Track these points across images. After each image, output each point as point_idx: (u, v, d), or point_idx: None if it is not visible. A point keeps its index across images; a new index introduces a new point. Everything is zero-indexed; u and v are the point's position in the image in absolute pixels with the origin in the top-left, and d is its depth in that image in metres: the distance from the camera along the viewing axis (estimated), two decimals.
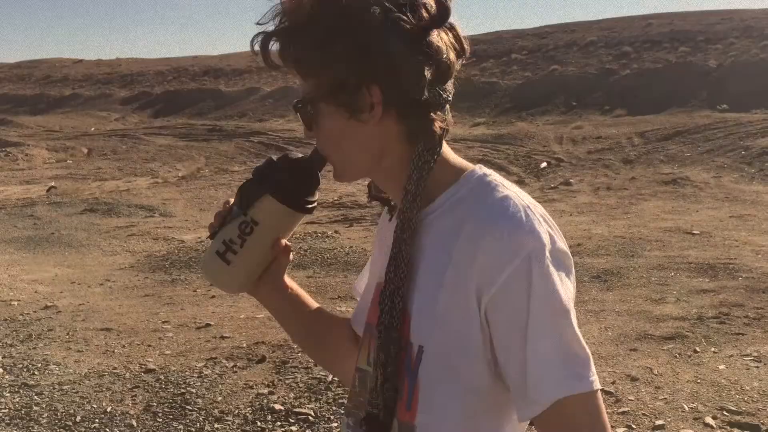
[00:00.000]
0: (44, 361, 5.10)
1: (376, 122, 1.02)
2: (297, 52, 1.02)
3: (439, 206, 1.03)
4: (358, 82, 1.00)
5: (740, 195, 11.59)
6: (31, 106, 36.66)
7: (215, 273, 1.18)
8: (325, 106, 1.03)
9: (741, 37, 26.71)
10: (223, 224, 1.16)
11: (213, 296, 6.73)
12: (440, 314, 0.97)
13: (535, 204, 0.99)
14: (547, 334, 0.92)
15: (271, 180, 1.11)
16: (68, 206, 12.08)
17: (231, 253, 1.14)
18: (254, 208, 1.12)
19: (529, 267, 0.92)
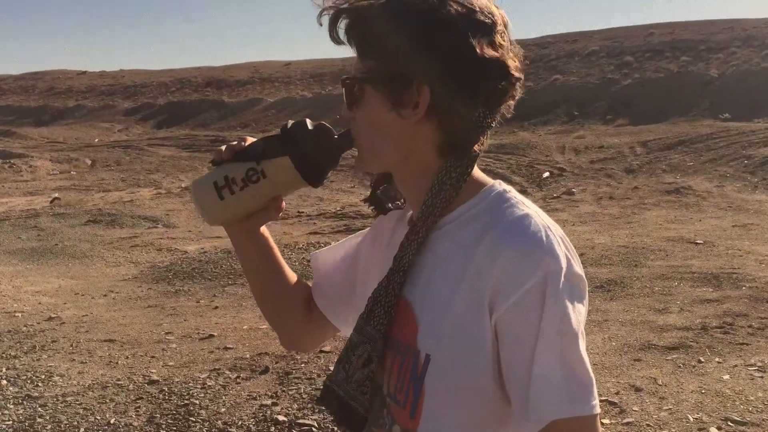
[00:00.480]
0: (48, 372, 5.10)
1: (414, 122, 1.03)
2: (365, 30, 1.03)
3: (456, 217, 1.04)
4: (410, 78, 1.01)
5: (743, 204, 11.58)
6: (35, 117, 36.80)
7: (204, 201, 1.16)
8: (372, 90, 1.04)
9: (742, 47, 26.76)
10: (231, 159, 1.14)
11: (216, 307, 6.73)
12: (451, 325, 0.98)
13: (555, 225, 1.00)
14: (554, 355, 0.93)
15: (296, 144, 1.11)
16: (72, 217, 12.11)
17: (227, 191, 1.13)
18: (269, 162, 1.12)
19: (544, 287, 0.93)
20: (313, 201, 13.67)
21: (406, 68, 1.00)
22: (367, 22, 1.02)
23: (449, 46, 0.99)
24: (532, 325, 0.93)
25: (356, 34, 1.04)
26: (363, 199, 1.23)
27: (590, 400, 0.94)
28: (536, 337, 0.93)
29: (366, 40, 1.04)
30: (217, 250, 9.33)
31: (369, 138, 1.07)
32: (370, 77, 1.04)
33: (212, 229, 11.14)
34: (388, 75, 1.02)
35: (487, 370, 0.97)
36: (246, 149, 1.14)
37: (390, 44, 1.00)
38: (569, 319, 0.94)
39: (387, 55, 1.01)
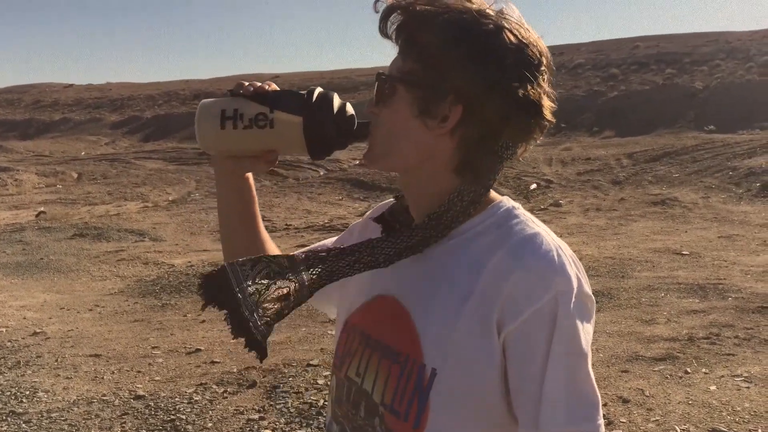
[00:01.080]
0: (32, 388, 5.04)
1: (437, 135, 1.03)
2: (415, 32, 1.02)
3: (464, 232, 1.04)
4: (446, 92, 1.01)
5: (728, 215, 11.66)
6: (20, 130, 36.60)
7: (205, 124, 1.15)
8: (404, 91, 1.04)
9: (727, 59, 27.04)
10: (248, 96, 1.12)
11: (203, 321, 6.69)
12: (457, 341, 0.98)
13: (565, 245, 1.01)
14: (563, 374, 0.94)
15: (315, 113, 1.09)
16: (58, 231, 12.02)
17: (231, 124, 1.12)
18: (282, 115, 1.10)
19: (555, 308, 0.94)
20: (301, 214, 13.65)
21: (446, 81, 1.00)
22: (420, 26, 1.02)
23: (494, 75, 0.99)
24: (541, 344, 0.94)
25: (405, 34, 1.04)
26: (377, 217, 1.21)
27: (596, 419, 0.95)
28: (546, 356, 0.93)
29: (413, 42, 1.03)
30: (204, 263, 9.29)
31: (388, 137, 1.07)
32: (407, 79, 1.03)
33: (199, 243, 11.10)
34: (426, 82, 1.01)
35: (495, 386, 0.97)
36: (266, 94, 1.13)
37: (436, 54, 1.00)
38: (578, 340, 0.95)
39: (430, 63, 1.01)
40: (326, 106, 1.10)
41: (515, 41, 1.00)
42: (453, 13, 1.01)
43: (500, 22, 1.01)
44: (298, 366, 5.29)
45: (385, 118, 1.07)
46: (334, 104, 1.11)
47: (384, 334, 1.08)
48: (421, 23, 1.02)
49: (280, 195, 16.05)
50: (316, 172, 18.37)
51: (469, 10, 1.01)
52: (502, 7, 1.04)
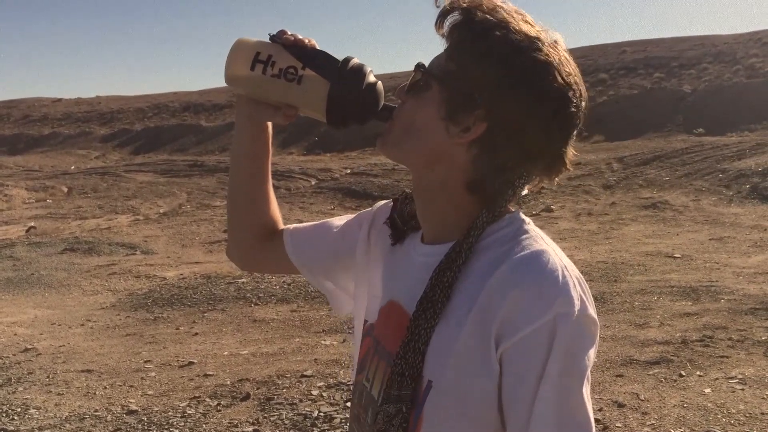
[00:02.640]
0: (24, 405, 5.00)
1: (455, 143, 1.01)
2: (466, 38, 1.01)
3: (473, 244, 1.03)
4: (477, 105, 0.99)
5: (719, 217, 11.71)
6: (9, 146, 36.46)
7: (236, 60, 1.13)
8: (437, 90, 1.03)
9: (714, 62, 27.24)
10: (289, 47, 1.11)
11: (196, 334, 6.66)
12: (456, 354, 0.97)
13: (572, 266, 0.99)
14: (555, 397, 0.92)
15: (344, 82, 1.08)
16: (48, 246, 11.95)
17: (261, 67, 1.11)
18: (311, 74, 1.09)
19: (554, 328, 0.92)
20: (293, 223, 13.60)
21: (480, 95, 0.99)
22: (473, 33, 1.00)
23: (528, 107, 0.98)
24: (536, 365, 0.92)
25: (457, 36, 1.02)
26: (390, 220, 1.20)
27: None
28: (539, 377, 0.91)
29: (462, 47, 1.01)
30: (196, 275, 9.25)
31: (406, 129, 1.06)
32: (444, 78, 1.02)
33: (191, 255, 11.05)
34: (461, 88, 1.00)
35: (491, 400, 0.96)
36: (304, 49, 1.12)
37: (481, 64, 0.99)
38: (575, 363, 0.93)
39: (471, 72, 1.00)
40: (357, 79, 1.09)
41: (561, 81, 0.99)
42: (510, 31, 0.99)
43: (552, 57, 0.99)
44: (292, 377, 5.26)
45: (410, 109, 1.06)
46: (366, 79, 1.10)
47: (390, 341, 1.07)
48: (475, 30, 1.00)
49: None
50: (307, 182, 18.36)
51: (526, 35, 0.99)
52: (557, 38, 1.02)
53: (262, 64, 1.11)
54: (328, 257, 1.28)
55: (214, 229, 13.44)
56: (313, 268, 1.30)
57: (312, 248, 1.30)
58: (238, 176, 1.30)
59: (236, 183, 1.31)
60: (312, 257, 1.30)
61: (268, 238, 1.33)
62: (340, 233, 1.29)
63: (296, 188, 17.97)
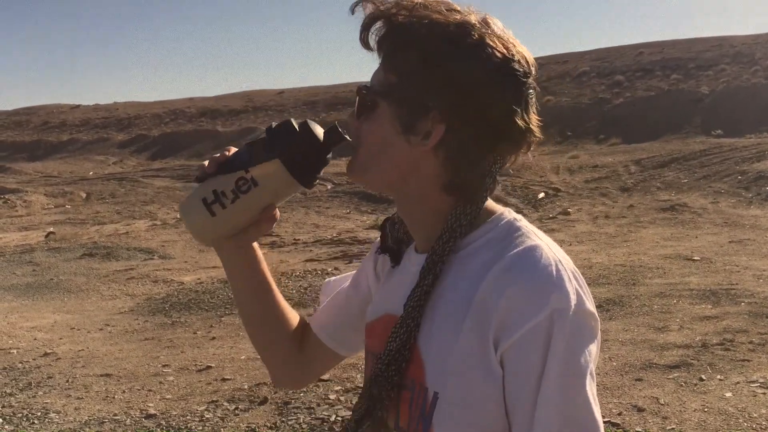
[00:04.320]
0: (44, 409, 5.04)
1: (420, 151, 0.99)
2: (398, 44, 0.99)
3: (463, 247, 1.00)
4: (429, 108, 0.97)
5: (739, 220, 11.60)
6: (29, 152, 36.84)
7: (195, 221, 1.10)
8: (386, 106, 1.00)
9: (731, 63, 27.02)
10: (217, 172, 1.08)
11: (213, 338, 6.68)
12: (456, 360, 0.95)
13: (567, 259, 0.96)
14: (557, 398, 0.89)
15: (284, 146, 1.05)
16: (67, 251, 12.06)
17: (219, 206, 1.07)
18: (259, 168, 1.06)
19: (550, 325, 0.89)
20: (309, 228, 13.65)
21: (428, 98, 0.97)
22: (402, 39, 0.98)
23: (479, 95, 0.96)
24: (535, 365, 0.89)
25: (387, 47, 1.00)
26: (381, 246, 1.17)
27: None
28: (539, 377, 0.89)
29: (394, 55, 0.99)
30: (213, 280, 9.28)
31: (369, 151, 1.03)
32: (389, 93, 1.00)
33: (208, 260, 11.10)
34: (408, 98, 0.98)
35: (496, 405, 0.94)
36: (231, 159, 1.08)
37: (418, 69, 0.97)
38: (575, 360, 0.90)
39: (412, 78, 0.98)
40: (290, 134, 1.06)
41: (500, 55, 0.96)
42: (436, 25, 0.96)
43: (485, 36, 0.96)
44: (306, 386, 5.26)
45: (366, 132, 1.03)
46: (296, 127, 1.07)
47: (380, 347, 1.05)
48: (402, 36, 0.98)
49: (288, 210, 16.07)
50: (323, 186, 18.39)
51: (453, 23, 0.97)
52: (484, 16, 0.99)
53: (217, 203, 1.07)
54: (361, 323, 1.22)
55: None
56: (360, 344, 1.25)
57: (349, 329, 1.25)
58: (249, 306, 1.25)
59: (249, 312, 1.26)
60: (354, 339, 1.25)
61: (300, 344, 1.27)
62: (354, 290, 1.25)
63: (312, 193, 18.00)
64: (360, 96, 1.03)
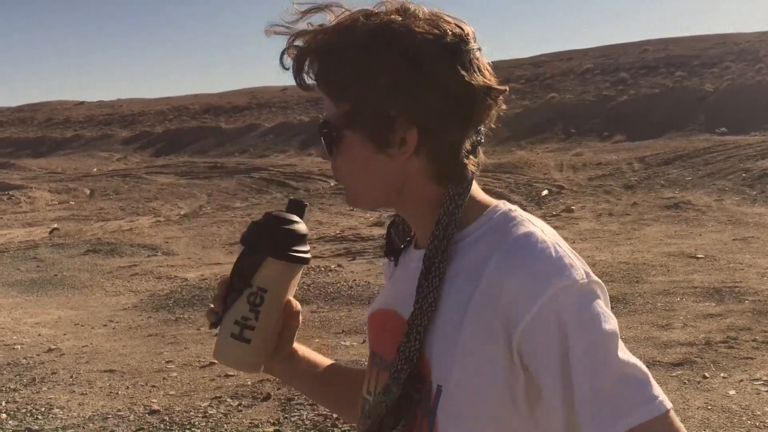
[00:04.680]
0: (48, 405, 5.05)
1: (403, 160, 0.99)
2: (334, 74, 0.98)
3: (460, 240, 1.00)
4: (393, 117, 0.96)
5: (743, 217, 11.57)
6: (33, 148, 36.90)
7: (237, 357, 1.12)
8: (351, 133, 0.99)
9: (736, 61, 26.93)
10: (226, 306, 1.10)
11: (216, 334, 6.69)
12: (460, 353, 0.94)
13: (563, 242, 0.96)
14: (591, 371, 0.87)
15: (265, 243, 1.08)
16: (71, 248, 12.09)
17: (248, 330, 1.08)
18: (258, 276, 1.08)
19: (558, 306, 0.88)
20: (313, 225, 13.66)
21: (388, 108, 0.96)
22: (336, 62, 0.97)
23: (431, 83, 0.95)
24: (553, 345, 0.87)
25: (327, 77, 0.99)
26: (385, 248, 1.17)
27: (652, 399, 0.87)
28: (562, 356, 0.87)
29: (338, 82, 0.98)
30: (216, 276, 9.30)
31: (356, 180, 1.03)
32: (348, 122, 0.99)
33: (212, 256, 11.12)
34: (369, 117, 0.97)
35: (501, 396, 0.93)
36: (230, 286, 1.10)
37: (363, 86, 0.96)
38: (597, 329, 0.88)
39: (364, 96, 0.97)
40: (263, 232, 1.08)
41: (430, 36, 0.95)
42: (354, 32, 0.96)
43: (410, 25, 0.96)
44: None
45: (343, 165, 1.02)
46: (263, 222, 1.09)
47: (389, 351, 1.04)
48: (333, 60, 0.97)
49: None
50: (326, 183, 18.40)
51: (372, 24, 0.96)
52: (404, 3, 0.98)
53: (244, 329, 1.09)
54: None
55: (234, 230, 13.50)
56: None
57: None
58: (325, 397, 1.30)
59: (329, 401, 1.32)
60: None
61: None
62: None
63: (315, 189, 18.02)
64: (323, 135, 1.02)
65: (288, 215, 1.10)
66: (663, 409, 0.87)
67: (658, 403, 0.87)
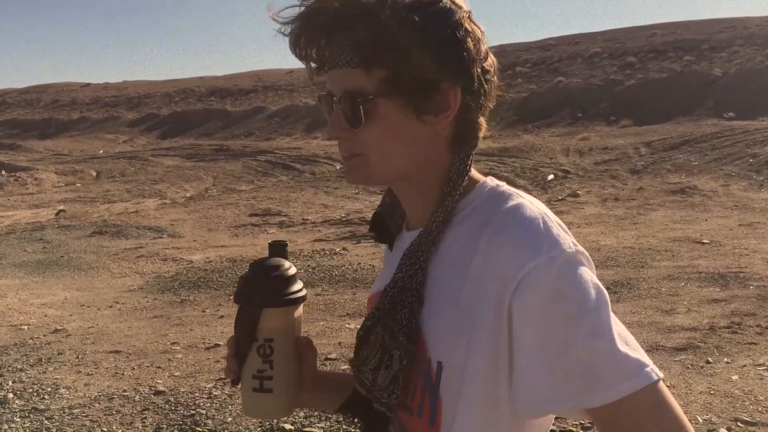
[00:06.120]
0: (54, 385, 5.09)
1: (442, 125, 0.98)
2: (370, 39, 0.95)
3: (453, 216, 1.00)
4: (437, 81, 0.96)
5: (749, 203, 11.53)
6: (40, 130, 36.96)
7: (265, 408, 1.15)
8: (387, 101, 0.96)
9: (745, 45, 26.72)
10: (240, 363, 1.13)
11: (222, 316, 6.72)
12: (458, 329, 0.94)
13: (551, 213, 0.97)
14: (583, 339, 0.87)
15: (257, 297, 1.10)
16: (77, 229, 12.13)
17: (268, 381, 1.11)
18: (261, 329, 1.10)
19: (547, 271, 0.88)
20: (318, 208, 13.67)
21: (433, 72, 0.95)
22: (374, 27, 0.95)
23: (465, 41, 0.95)
24: (543, 314, 0.88)
25: (360, 41, 0.95)
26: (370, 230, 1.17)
27: (641, 367, 0.87)
28: (553, 323, 0.87)
29: (375, 47, 0.95)
30: (222, 259, 9.33)
31: (384, 150, 1.00)
32: (388, 88, 0.96)
33: (217, 239, 11.15)
34: (411, 82, 0.95)
35: (502, 371, 0.93)
36: (237, 343, 1.12)
37: (407, 48, 0.94)
38: (585, 297, 0.88)
39: (405, 61, 0.94)
40: (252, 284, 1.10)
41: (452, 5, 0.97)
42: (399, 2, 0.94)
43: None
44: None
45: (373, 135, 0.98)
46: (247, 274, 1.11)
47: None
48: (371, 27, 0.94)
49: (297, 189, 16.08)
50: (332, 166, 18.39)
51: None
52: None
53: (265, 380, 1.11)
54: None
55: (239, 213, 13.53)
56: None
57: None
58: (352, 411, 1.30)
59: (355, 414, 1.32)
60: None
61: None
62: None
63: (321, 173, 18.01)
64: (359, 105, 0.97)
65: (271, 261, 1.12)
66: (651, 379, 0.87)
67: (647, 372, 0.87)
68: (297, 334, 1.14)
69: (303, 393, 1.17)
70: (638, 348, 0.90)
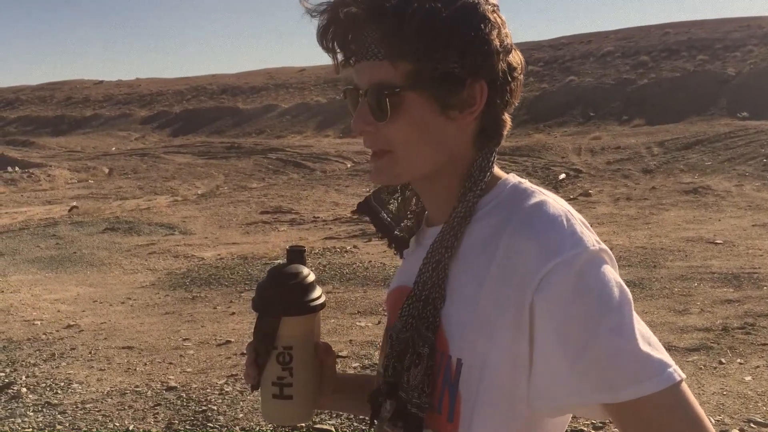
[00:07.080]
0: (67, 379, 5.13)
1: (468, 120, 0.98)
2: (397, 32, 0.94)
3: (474, 212, 1.00)
4: (464, 76, 0.95)
5: (763, 203, 11.45)
6: (53, 127, 37.18)
7: (285, 414, 1.15)
8: (413, 95, 0.96)
9: (759, 45, 26.54)
10: (260, 370, 1.13)
11: (233, 313, 6.74)
12: (478, 326, 0.94)
13: (574, 210, 0.97)
14: (604, 333, 0.86)
15: (276, 304, 1.10)
16: (90, 225, 12.20)
17: (287, 388, 1.12)
18: (280, 337, 1.10)
19: (570, 269, 0.88)
20: (329, 206, 13.69)
21: (457, 66, 0.94)
22: (400, 19, 0.93)
23: (491, 36, 0.95)
24: (566, 311, 0.87)
25: (389, 33, 0.94)
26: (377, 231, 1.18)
27: (664, 368, 0.87)
28: (575, 321, 0.87)
29: (404, 41, 0.94)
30: (233, 256, 9.36)
31: (410, 146, 0.99)
32: (414, 82, 0.95)
33: (229, 236, 11.18)
34: (437, 76, 0.94)
35: (522, 369, 0.92)
36: (255, 352, 1.12)
37: (433, 41, 0.93)
38: (608, 295, 0.88)
39: (431, 54, 0.94)
40: (270, 292, 1.10)
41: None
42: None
43: None
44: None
45: (398, 130, 0.98)
46: (267, 282, 1.11)
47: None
48: (397, 20, 0.93)
49: (308, 187, 16.11)
50: (343, 164, 18.41)
51: None
52: None
53: (285, 387, 1.12)
54: None
55: (251, 210, 13.56)
56: None
57: None
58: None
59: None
60: None
61: None
62: None
63: (332, 171, 18.03)
64: (385, 97, 0.97)
65: (290, 268, 1.11)
66: (674, 379, 0.87)
67: (669, 372, 0.87)
68: (316, 340, 1.14)
69: (322, 398, 1.17)
70: (661, 348, 0.89)
